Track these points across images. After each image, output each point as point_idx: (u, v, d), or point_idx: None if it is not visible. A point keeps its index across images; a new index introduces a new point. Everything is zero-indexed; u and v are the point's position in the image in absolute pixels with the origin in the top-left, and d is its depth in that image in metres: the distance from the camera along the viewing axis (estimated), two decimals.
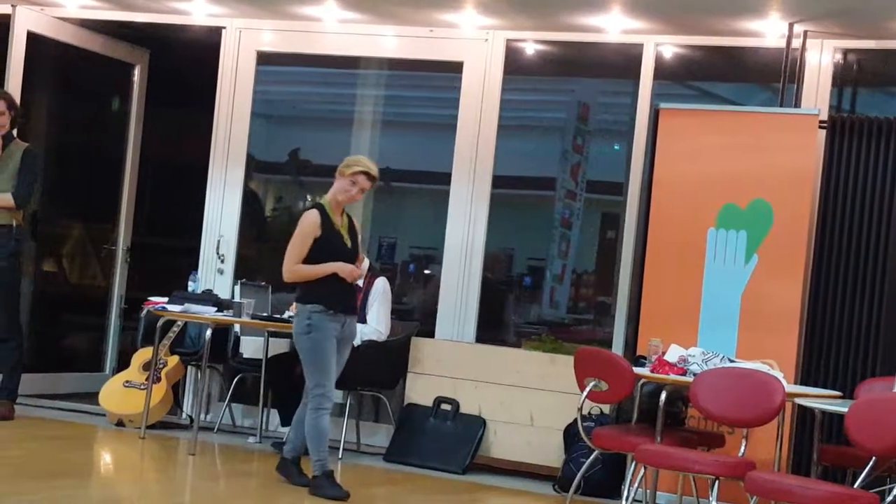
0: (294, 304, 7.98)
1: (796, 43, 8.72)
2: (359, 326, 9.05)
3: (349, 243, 7.74)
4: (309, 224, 7.65)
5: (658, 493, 7.69)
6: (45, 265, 10.96)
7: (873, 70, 9.32)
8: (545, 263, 11.31)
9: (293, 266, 7.63)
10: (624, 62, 9.64)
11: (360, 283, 9.17)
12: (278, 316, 9.12)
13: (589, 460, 7.57)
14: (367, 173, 7.70)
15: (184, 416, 10.02)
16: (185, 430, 9.55)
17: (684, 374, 7.24)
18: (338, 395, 9.48)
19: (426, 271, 10.61)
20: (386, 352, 9.23)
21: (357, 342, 9.02)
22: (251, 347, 9.84)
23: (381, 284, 9.23)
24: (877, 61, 9.18)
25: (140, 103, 11.20)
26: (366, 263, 7.87)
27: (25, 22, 10.12)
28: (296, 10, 9.79)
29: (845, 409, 6.32)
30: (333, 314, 7.64)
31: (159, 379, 9.48)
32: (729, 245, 8.40)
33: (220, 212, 10.32)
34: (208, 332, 8.89)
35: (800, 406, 7.26)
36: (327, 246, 7.66)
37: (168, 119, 11.51)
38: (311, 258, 7.63)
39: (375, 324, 9.14)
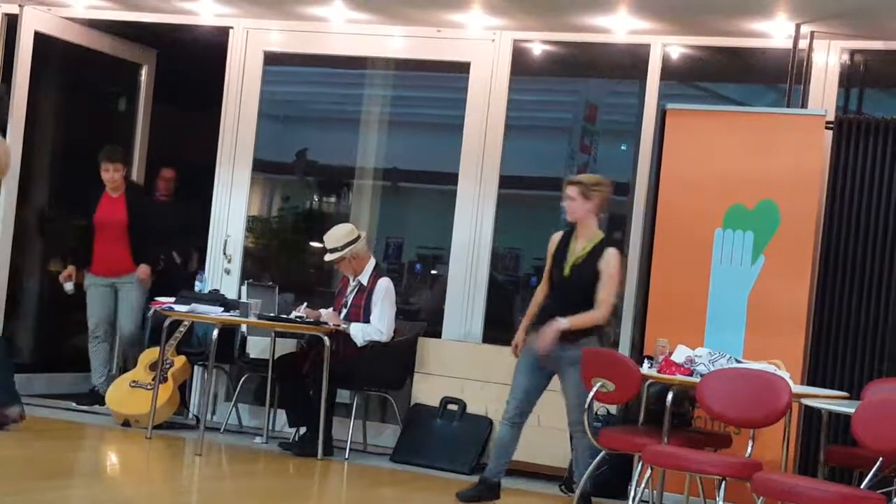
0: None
1: (803, 44, 8.71)
2: (361, 325, 9.05)
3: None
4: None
5: (665, 493, 7.68)
6: (50, 265, 10.96)
7: (880, 71, 9.31)
8: None
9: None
10: (631, 62, 9.64)
11: (364, 282, 9.18)
12: (285, 316, 9.11)
13: (596, 460, 7.56)
14: None
15: (190, 416, 10.02)
16: (191, 431, 9.55)
17: (691, 374, 7.23)
18: (344, 396, 9.52)
19: (433, 271, 10.60)
20: (392, 352, 9.22)
21: (360, 342, 9.03)
22: (258, 347, 9.84)
23: (385, 284, 9.17)
24: (884, 62, 9.17)
25: (147, 103, 11.21)
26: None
27: (33, 22, 10.12)
28: (303, 10, 9.79)
29: (852, 410, 6.30)
30: None
31: (166, 379, 9.49)
32: (736, 245, 8.39)
33: (227, 212, 10.31)
34: (215, 333, 8.88)
35: (806, 406, 7.25)
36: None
37: (175, 119, 11.51)
38: None
39: (377, 323, 9.08)
